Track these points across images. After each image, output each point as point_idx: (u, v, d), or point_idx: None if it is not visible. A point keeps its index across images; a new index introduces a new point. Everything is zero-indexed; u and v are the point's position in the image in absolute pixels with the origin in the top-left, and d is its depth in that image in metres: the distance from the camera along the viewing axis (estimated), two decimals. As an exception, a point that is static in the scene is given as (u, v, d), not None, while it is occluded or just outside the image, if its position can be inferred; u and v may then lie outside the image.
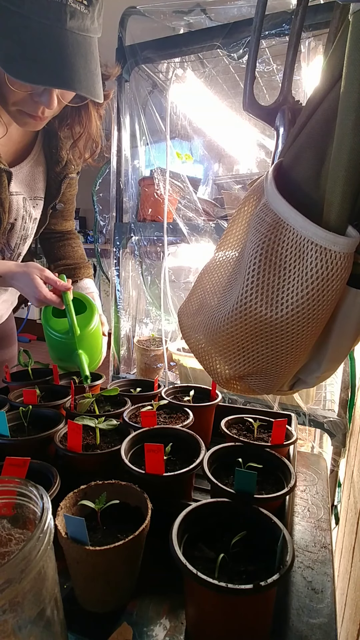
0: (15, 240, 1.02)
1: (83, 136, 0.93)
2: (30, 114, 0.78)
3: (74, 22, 0.64)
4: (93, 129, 0.92)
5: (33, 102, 0.75)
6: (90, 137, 0.93)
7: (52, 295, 0.90)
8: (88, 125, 0.91)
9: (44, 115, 0.79)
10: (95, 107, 0.90)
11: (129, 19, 1.38)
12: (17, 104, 0.76)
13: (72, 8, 0.62)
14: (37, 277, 0.88)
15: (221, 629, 0.45)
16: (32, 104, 0.76)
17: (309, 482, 0.85)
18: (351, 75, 0.35)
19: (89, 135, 0.93)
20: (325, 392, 1.46)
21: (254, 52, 0.53)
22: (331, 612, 0.53)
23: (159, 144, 1.55)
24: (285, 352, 0.46)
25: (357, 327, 0.47)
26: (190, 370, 1.44)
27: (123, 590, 0.53)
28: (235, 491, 0.59)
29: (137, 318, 1.81)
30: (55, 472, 0.64)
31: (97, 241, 2.16)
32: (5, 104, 0.77)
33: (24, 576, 0.34)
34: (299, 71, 1.19)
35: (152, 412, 0.80)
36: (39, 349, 3.92)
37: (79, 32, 0.65)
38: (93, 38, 0.68)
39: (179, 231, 1.41)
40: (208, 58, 1.41)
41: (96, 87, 0.70)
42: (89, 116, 0.90)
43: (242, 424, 0.87)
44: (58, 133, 0.96)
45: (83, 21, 0.65)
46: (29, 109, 0.77)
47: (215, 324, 0.50)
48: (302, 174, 0.45)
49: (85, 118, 0.90)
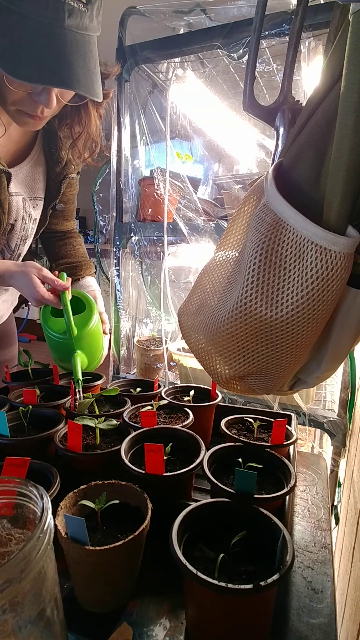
0: (16, 241, 1.02)
1: (82, 136, 0.93)
2: (29, 114, 0.78)
3: (72, 21, 0.63)
4: (92, 129, 0.92)
5: (32, 101, 0.75)
6: (90, 137, 0.93)
7: (49, 295, 0.90)
8: (88, 125, 0.91)
9: (43, 114, 0.79)
10: (95, 106, 0.90)
11: (129, 19, 1.38)
12: (16, 103, 0.76)
13: (71, 6, 0.62)
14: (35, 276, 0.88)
15: (221, 629, 0.45)
16: (31, 104, 0.76)
17: (309, 482, 0.85)
18: (351, 75, 0.35)
19: (88, 135, 0.93)
20: (325, 392, 1.46)
21: (254, 52, 0.53)
22: (331, 612, 0.53)
23: (159, 144, 1.55)
24: (285, 352, 0.46)
25: (357, 327, 0.47)
26: (190, 370, 1.45)
27: (123, 590, 0.53)
28: (235, 491, 0.59)
29: (137, 318, 1.81)
30: (55, 472, 0.64)
31: (97, 241, 2.16)
32: (5, 103, 0.77)
33: (24, 576, 0.34)
34: (299, 71, 1.20)
35: (152, 412, 0.80)
36: (39, 349, 3.92)
37: (78, 31, 0.65)
38: (92, 36, 0.68)
39: (179, 231, 1.41)
40: (208, 58, 1.41)
41: (95, 86, 0.69)
42: (89, 116, 0.90)
43: (242, 424, 0.87)
44: (58, 133, 0.96)
45: (82, 19, 0.64)
46: (28, 108, 0.77)
47: (215, 324, 0.50)
48: (302, 174, 0.45)
49: (85, 117, 0.90)
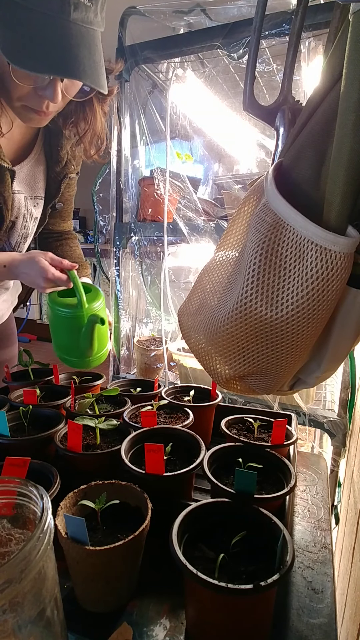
0: (16, 239, 1.02)
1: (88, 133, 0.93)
2: (35, 110, 0.78)
3: (78, 14, 0.65)
4: (98, 126, 0.92)
5: (37, 96, 0.75)
6: (96, 134, 0.93)
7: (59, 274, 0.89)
8: (93, 122, 0.91)
9: (49, 110, 0.79)
10: (100, 103, 0.90)
11: (129, 19, 1.38)
12: (21, 99, 0.76)
13: (76, 0, 0.64)
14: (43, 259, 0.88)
15: (221, 629, 0.45)
16: (36, 99, 0.76)
17: (309, 482, 0.85)
18: (351, 75, 0.35)
19: (94, 132, 0.93)
20: (325, 392, 1.46)
21: (254, 52, 0.53)
22: (331, 612, 0.53)
23: (159, 144, 1.55)
24: (285, 352, 0.46)
25: (357, 327, 0.47)
26: (190, 370, 1.44)
27: (123, 590, 0.53)
28: (235, 491, 0.59)
29: (137, 318, 1.81)
30: (55, 472, 0.64)
31: (97, 241, 2.16)
32: (10, 99, 0.77)
33: (24, 576, 0.34)
34: (299, 71, 1.19)
35: (152, 412, 0.80)
36: (39, 349, 3.92)
37: (83, 24, 0.66)
38: (97, 31, 0.69)
39: (179, 231, 1.41)
40: (208, 58, 1.41)
41: (100, 78, 0.70)
42: (94, 113, 0.90)
43: (242, 424, 0.87)
44: (62, 131, 0.96)
45: (86, 13, 0.66)
46: (33, 104, 0.77)
47: (215, 324, 0.50)
48: (302, 174, 0.45)
49: (90, 115, 0.90)
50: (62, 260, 0.90)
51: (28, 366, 1.08)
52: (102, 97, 0.89)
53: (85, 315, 0.92)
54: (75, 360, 0.95)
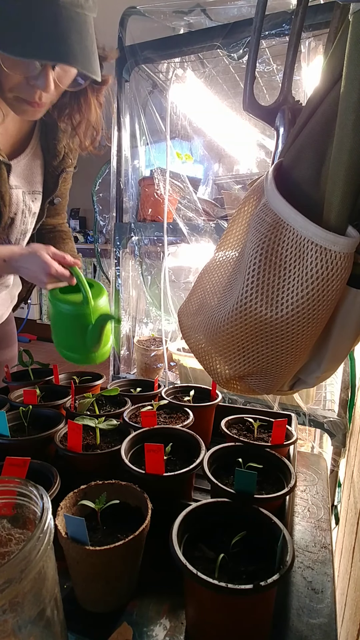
0: (16, 236, 1.02)
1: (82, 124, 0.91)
2: (27, 101, 0.77)
3: None
4: (93, 117, 0.91)
5: (29, 86, 0.74)
6: (90, 125, 0.92)
7: (62, 269, 0.86)
8: (87, 113, 0.90)
9: (42, 101, 0.78)
10: (95, 94, 0.89)
11: (129, 19, 1.38)
12: (13, 90, 0.75)
13: None
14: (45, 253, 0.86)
15: (221, 629, 0.45)
16: (28, 89, 0.75)
17: (309, 482, 0.85)
18: (351, 75, 0.35)
19: (88, 123, 0.91)
20: (325, 392, 1.46)
21: (254, 52, 0.53)
22: (331, 612, 0.53)
23: (159, 144, 1.55)
24: (285, 352, 0.46)
25: (357, 327, 0.47)
26: (190, 370, 1.44)
27: (123, 590, 0.53)
28: (235, 491, 0.59)
29: (137, 318, 1.81)
30: (55, 472, 0.64)
31: (97, 241, 2.16)
32: (2, 91, 0.76)
33: (24, 576, 0.34)
34: (299, 71, 1.20)
35: (152, 412, 0.80)
36: (39, 349, 3.92)
37: (72, 8, 0.65)
38: (88, 16, 0.68)
39: (179, 231, 1.41)
40: (208, 58, 1.41)
41: (93, 64, 0.69)
42: (89, 104, 0.89)
43: (242, 424, 0.87)
44: (58, 124, 0.95)
45: None
46: (25, 94, 0.76)
47: (215, 324, 0.50)
48: (302, 174, 0.45)
49: (85, 106, 0.89)
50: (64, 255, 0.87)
51: (28, 366, 1.08)
52: (97, 87, 0.87)
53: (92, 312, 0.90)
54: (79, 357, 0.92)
